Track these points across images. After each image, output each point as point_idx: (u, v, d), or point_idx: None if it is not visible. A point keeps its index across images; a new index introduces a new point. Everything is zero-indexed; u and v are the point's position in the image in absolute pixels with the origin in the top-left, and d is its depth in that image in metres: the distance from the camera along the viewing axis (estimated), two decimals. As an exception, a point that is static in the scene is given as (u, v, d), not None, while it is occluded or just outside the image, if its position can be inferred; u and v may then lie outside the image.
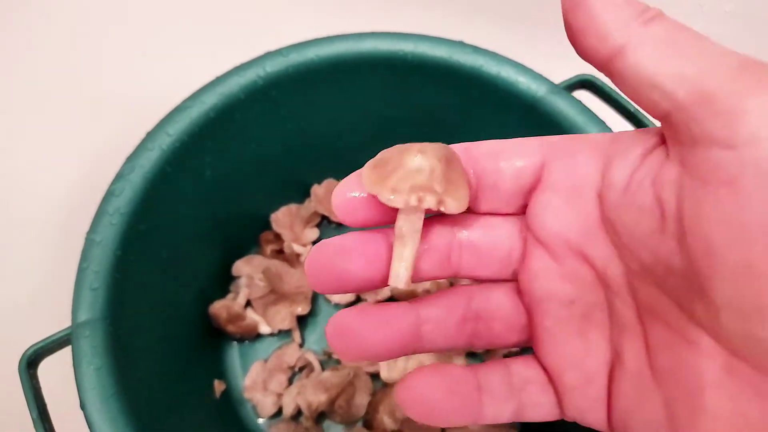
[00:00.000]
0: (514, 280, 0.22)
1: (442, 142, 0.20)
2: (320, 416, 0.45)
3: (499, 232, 0.21)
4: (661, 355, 0.18)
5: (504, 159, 0.21)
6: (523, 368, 0.21)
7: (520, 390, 0.20)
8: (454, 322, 0.21)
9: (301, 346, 0.48)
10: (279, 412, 0.45)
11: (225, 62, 0.41)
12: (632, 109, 0.40)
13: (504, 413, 0.20)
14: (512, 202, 0.21)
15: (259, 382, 0.46)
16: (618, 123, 0.40)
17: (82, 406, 0.32)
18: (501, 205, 0.21)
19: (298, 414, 0.45)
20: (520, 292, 0.21)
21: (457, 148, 0.21)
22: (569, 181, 0.19)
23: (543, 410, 0.20)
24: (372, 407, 0.44)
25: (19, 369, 0.34)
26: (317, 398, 0.43)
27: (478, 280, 0.22)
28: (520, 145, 0.21)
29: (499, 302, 0.21)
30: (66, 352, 0.34)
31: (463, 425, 0.20)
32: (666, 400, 0.17)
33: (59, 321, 0.35)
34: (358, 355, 0.20)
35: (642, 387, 0.18)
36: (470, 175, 0.20)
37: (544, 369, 0.21)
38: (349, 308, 0.20)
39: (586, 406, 0.20)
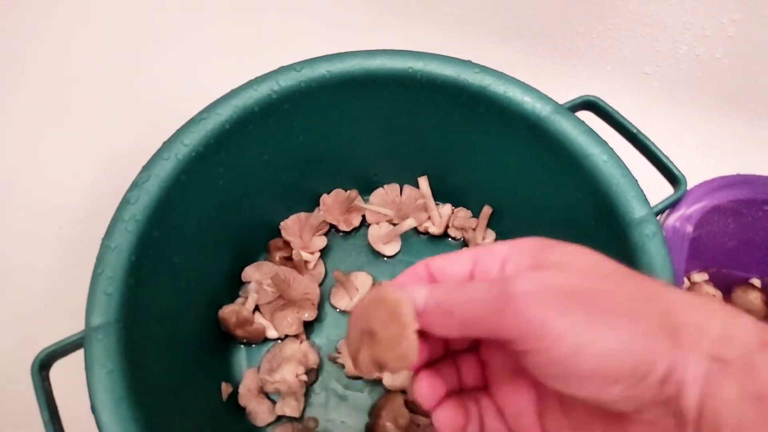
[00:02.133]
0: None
1: (447, 157, 0.21)
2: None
3: None
4: None
5: (449, 269, 0.27)
6: (486, 400, 0.28)
7: (483, 414, 0.28)
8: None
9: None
10: (276, 420, 0.46)
11: (240, 75, 0.42)
12: (634, 131, 0.41)
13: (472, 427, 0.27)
14: None
15: (253, 389, 0.47)
16: (620, 143, 0.41)
17: (93, 409, 0.33)
18: None
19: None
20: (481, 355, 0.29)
21: (420, 264, 0.28)
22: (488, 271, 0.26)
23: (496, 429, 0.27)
24: (375, 414, 0.45)
25: (31, 371, 0.35)
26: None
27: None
28: (456, 258, 0.27)
29: (468, 362, 0.29)
30: (77, 356, 0.35)
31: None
32: (572, 427, 0.25)
33: (72, 325, 0.36)
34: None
35: (556, 416, 0.25)
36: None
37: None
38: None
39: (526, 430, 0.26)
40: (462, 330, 0.23)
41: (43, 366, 0.35)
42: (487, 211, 0.51)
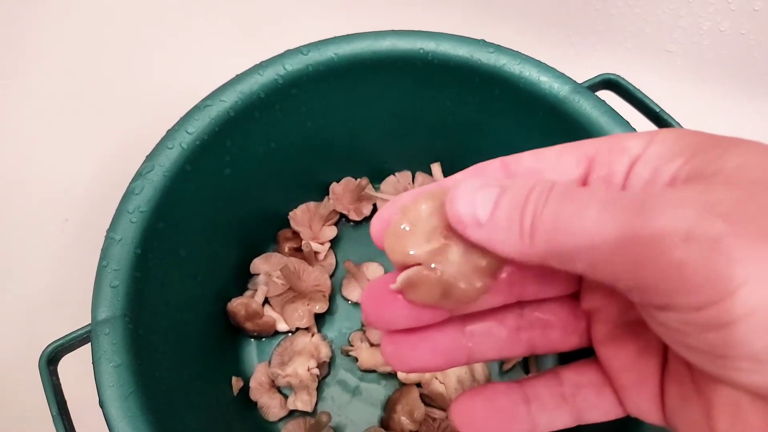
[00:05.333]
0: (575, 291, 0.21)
1: (461, 143, 0.18)
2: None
3: None
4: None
5: (546, 173, 0.19)
6: (574, 375, 0.21)
7: (574, 395, 0.20)
8: (505, 334, 0.21)
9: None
10: (288, 415, 0.46)
11: (245, 59, 0.41)
12: (657, 110, 0.39)
13: (559, 420, 0.20)
14: None
15: (264, 383, 0.46)
16: (642, 123, 0.39)
17: (102, 404, 0.32)
18: None
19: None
20: (580, 300, 0.21)
21: (493, 164, 0.20)
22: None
23: (602, 410, 0.20)
24: (390, 407, 0.44)
25: (39, 366, 0.34)
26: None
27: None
28: (558, 156, 0.19)
29: (556, 312, 0.21)
30: (86, 349, 0.34)
31: None
32: (705, 407, 0.17)
33: (79, 319, 0.35)
34: (405, 368, 0.20)
35: (684, 390, 0.18)
36: None
37: (603, 369, 0.20)
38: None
39: (644, 405, 0.19)
40: (547, 257, 0.16)
41: (50, 360, 0.35)
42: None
